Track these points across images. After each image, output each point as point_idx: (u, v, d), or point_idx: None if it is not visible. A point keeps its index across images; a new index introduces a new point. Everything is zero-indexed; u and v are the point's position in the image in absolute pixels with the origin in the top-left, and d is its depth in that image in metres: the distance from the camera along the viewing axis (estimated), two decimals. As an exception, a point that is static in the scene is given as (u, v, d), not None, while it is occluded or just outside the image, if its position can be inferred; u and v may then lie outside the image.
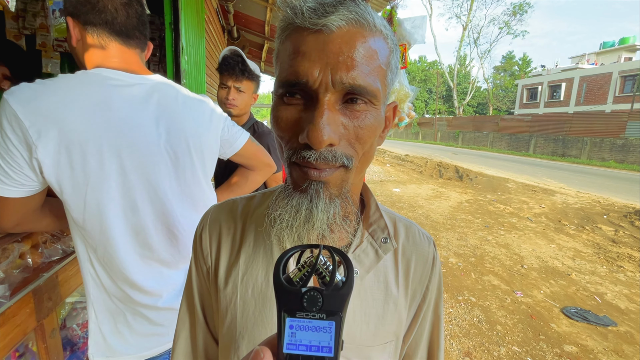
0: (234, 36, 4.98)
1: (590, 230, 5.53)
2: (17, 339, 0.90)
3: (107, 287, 0.89)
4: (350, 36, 0.39)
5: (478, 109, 43.87)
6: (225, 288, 0.52)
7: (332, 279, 0.30)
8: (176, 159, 0.90)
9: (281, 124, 0.43)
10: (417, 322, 0.57)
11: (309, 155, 0.40)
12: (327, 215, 0.42)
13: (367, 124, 0.42)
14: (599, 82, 23.91)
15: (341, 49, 0.39)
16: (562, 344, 2.71)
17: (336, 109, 0.40)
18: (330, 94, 0.39)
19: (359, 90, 0.40)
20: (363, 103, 0.41)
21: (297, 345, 0.29)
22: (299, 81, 0.40)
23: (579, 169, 13.10)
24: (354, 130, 0.42)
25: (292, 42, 0.41)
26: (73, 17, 0.83)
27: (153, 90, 0.87)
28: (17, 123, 0.71)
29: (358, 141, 0.42)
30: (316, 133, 0.38)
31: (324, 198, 0.42)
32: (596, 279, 3.88)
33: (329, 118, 0.39)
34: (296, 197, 0.43)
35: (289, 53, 0.41)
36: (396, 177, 10.71)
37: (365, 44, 0.40)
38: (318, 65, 0.39)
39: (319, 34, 0.39)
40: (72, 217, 0.83)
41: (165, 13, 2.03)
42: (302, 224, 0.42)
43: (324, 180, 0.42)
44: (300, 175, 0.43)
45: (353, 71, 0.39)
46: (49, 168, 0.75)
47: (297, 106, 0.42)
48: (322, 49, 0.39)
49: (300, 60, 0.40)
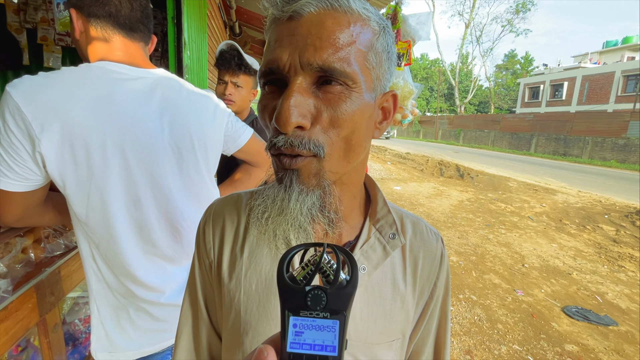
0: (235, 32, 4.95)
1: (591, 230, 5.52)
2: (19, 333, 0.90)
3: (110, 283, 0.89)
4: (319, 19, 0.39)
5: (480, 107, 43.77)
6: (229, 283, 0.51)
7: (336, 278, 0.30)
8: (180, 154, 0.89)
9: (262, 113, 0.44)
10: (424, 320, 0.56)
11: (278, 140, 0.40)
12: (302, 206, 0.41)
13: (343, 107, 0.40)
14: (602, 81, 23.81)
15: (309, 31, 0.39)
16: (563, 343, 2.71)
17: (309, 92, 0.40)
18: (302, 77, 0.39)
19: (330, 72, 0.39)
20: (338, 85, 0.40)
21: (300, 345, 0.28)
22: (272, 67, 0.40)
23: (581, 168, 13.08)
24: (328, 114, 0.40)
25: (271, 33, 0.42)
26: (77, 8, 0.82)
27: (157, 84, 0.86)
28: (20, 116, 0.70)
29: (332, 126, 0.40)
30: (282, 114, 0.38)
31: (297, 188, 0.41)
32: (597, 278, 3.88)
33: (297, 100, 0.38)
34: (273, 188, 0.43)
35: (267, 44, 0.42)
36: (397, 175, 10.70)
37: (338, 26, 0.39)
38: (287, 49, 0.39)
39: (291, 20, 0.40)
40: (74, 212, 0.82)
41: (168, 7, 2.01)
42: (277, 214, 0.42)
43: (296, 167, 0.41)
44: (276, 165, 0.43)
45: (322, 51, 0.38)
46: (52, 162, 0.74)
47: (274, 94, 0.42)
48: (292, 34, 0.39)
49: (274, 49, 0.40)
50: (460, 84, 40.36)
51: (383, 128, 0.49)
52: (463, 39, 36.13)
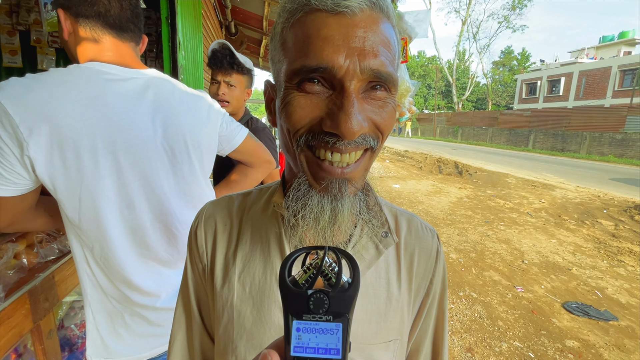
0: (231, 31, 4.92)
1: (590, 225, 5.53)
2: (12, 341, 0.88)
3: (104, 288, 0.87)
4: (372, 21, 0.38)
5: (477, 104, 43.82)
6: (222, 287, 0.50)
7: (338, 281, 0.30)
8: (173, 155, 0.88)
9: (298, 113, 0.39)
10: (421, 318, 0.56)
11: (334, 141, 0.38)
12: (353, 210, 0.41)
13: (388, 111, 0.41)
14: (599, 76, 23.86)
15: (366, 34, 0.37)
16: (564, 339, 2.71)
17: (360, 97, 0.39)
18: (356, 82, 0.38)
19: (384, 78, 0.38)
20: (383, 91, 0.40)
21: (304, 348, 0.29)
22: (321, 66, 0.37)
23: (579, 163, 13.11)
24: (376, 119, 0.40)
25: (308, 25, 0.38)
26: (64, 9, 0.80)
27: (148, 85, 0.85)
28: (7, 119, 0.68)
29: (379, 129, 0.41)
30: (349, 124, 0.36)
31: (348, 195, 0.41)
32: (597, 273, 3.88)
33: (359, 107, 0.38)
34: (316, 196, 0.41)
35: (304, 37, 0.38)
36: (396, 173, 10.69)
37: (385, 30, 0.39)
38: (343, 50, 0.37)
39: (341, 16, 0.37)
40: (67, 215, 0.81)
41: (162, 7, 2.00)
42: (330, 223, 0.41)
43: (348, 177, 0.40)
44: (320, 171, 0.40)
45: (378, 58, 0.37)
46: (41, 166, 0.73)
47: (317, 95, 0.39)
48: (346, 33, 0.37)
49: (322, 45, 0.37)
50: (458, 80, 40.37)
51: None
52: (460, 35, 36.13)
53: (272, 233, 0.50)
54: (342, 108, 0.37)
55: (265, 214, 0.52)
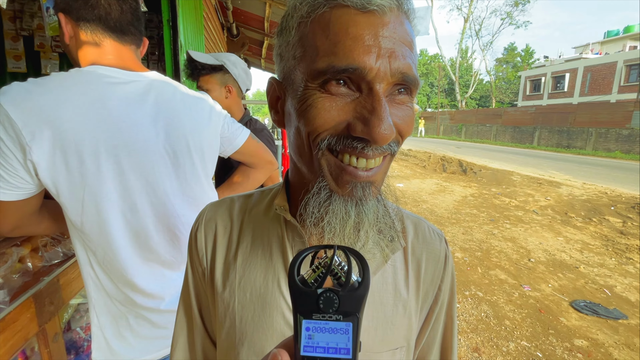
0: (233, 33, 4.93)
1: (597, 222, 5.46)
2: (18, 344, 0.88)
3: (109, 290, 0.87)
4: (400, 21, 0.37)
5: (481, 101, 43.54)
6: (223, 292, 0.49)
7: (348, 280, 0.30)
8: (175, 158, 0.87)
9: (322, 116, 0.36)
10: (429, 325, 0.54)
11: (362, 146, 0.37)
12: (377, 215, 0.41)
13: (409, 115, 0.40)
14: (604, 71, 23.60)
15: (395, 34, 0.36)
16: (572, 338, 2.67)
17: (387, 100, 0.37)
18: (385, 84, 0.36)
19: (411, 81, 0.37)
20: (406, 94, 0.39)
21: (314, 348, 0.28)
22: (351, 67, 0.34)
23: (585, 160, 12.96)
24: (400, 123, 0.39)
25: (334, 22, 0.35)
26: (65, 13, 0.80)
27: (150, 87, 0.85)
28: (9, 124, 0.69)
29: (400, 133, 0.40)
30: (381, 129, 0.35)
31: (371, 199, 0.40)
32: (605, 271, 3.83)
33: (389, 111, 0.36)
34: (339, 201, 0.39)
35: (330, 35, 0.36)
36: (399, 172, 10.65)
37: (410, 31, 0.38)
38: (374, 51, 0.35)
39: (371, 15, 0.35)
40: (70, 219, 0.81)
41: (163, 10, 2.00)
42: (354, 229, 0.40)
43: (372, 180, 0.39)
44: (344, 175, 0.38)
45: (407, 60, 0.36)
46: (44, 170, 0.73)
47: (343, 97, 0.37)
48: (376, 33, 0.35)
49: (351, 45, 0.34)
50: (461, 78, 40.16)
51: None
52: (462, 33, 35.96)
53: (274, 236, 0.49)
54: (374, 112, 0.35)
55: (267, 217, 0.51)
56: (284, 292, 0.47)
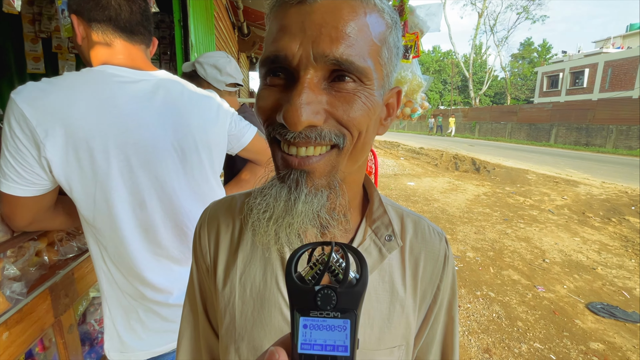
0: (244, 32, 4.97)
1: (617, 222, 5.28)
2: (35, 334, 0.92)
3: (120, 284, 0.90)
4: (335, 6, 0.36)
5: (495, 98, 42.62)
6: (224, 288, 0.50)
7: (346, 277, 0.30)
8: (183, 155, 0.89)
9: (261, 105, 0.40)
10: (427, 325, 0.54)
11: (285, 133, 0.37)
12: (311, 207, 0.39)
13: (358, 106, 0.38)
14: (626, 66, 22.69)
15: (324, 20, 0.35)
16: (588, 341, 2.60)
17: (320, 88, 0.37)
18: (313, 71, 0.36)
19: (345, 66, 0.36)
20: (352, 82, 0.37)
21: (311, 345, 0.28)
22: (278, 55, 0.36)
23: (604, 158, 12.54)
24: (337, 113, 0.38)
25: (276, 18, 0.38)
26: (77, 14, 0.83)
27: (158, 86, 0.87)
28: (24, 122, 0.71)
29: (349, 123, 0.38)
30: (293, 113, 0.35)
31: (305, 189, 0.39)
32: (624, 273, 3.70)
33: (309, 97, 0.35)
34: (275, 187, 0.40)
35: (272, 31, 0.38)
36: (411, 171, 10.54)
37: (355, 15, 0.36)
38: (298, 38, 0.35)
39: (302, 5, 0.36)
40: (82, 215, 0.84)
41: (174, 10, 2.04)
42: (281, 215, 0.39)
43: (307, 169, 0.38)
44: (281, 162, 0.40)
45: (338, 43, 0.35)
46: (57, 166, 0.76)
47: (278, 87, 0.39)
48: (303, 21, 0.36)
49: (281, 36, 0.37)
50: (475, 75, 39.37)
51: (387, 125, 0.47)
52: (476, 29, 35.17)
53: None
54: (289, 97, 0.36)
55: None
56: (282, 289, 0.47)
